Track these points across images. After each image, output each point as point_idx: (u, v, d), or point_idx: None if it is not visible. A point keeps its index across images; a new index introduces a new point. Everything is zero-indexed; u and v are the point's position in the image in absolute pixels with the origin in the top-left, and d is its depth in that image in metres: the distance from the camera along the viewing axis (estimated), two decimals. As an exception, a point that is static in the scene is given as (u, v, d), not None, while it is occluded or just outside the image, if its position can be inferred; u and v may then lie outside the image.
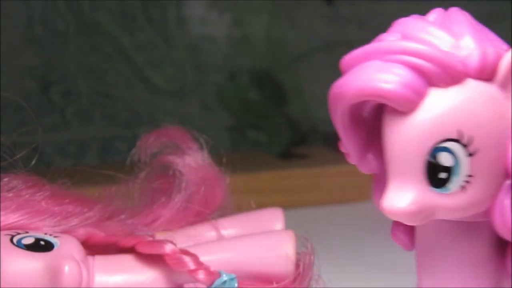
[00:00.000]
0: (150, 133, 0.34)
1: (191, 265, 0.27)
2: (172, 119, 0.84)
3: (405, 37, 0.23)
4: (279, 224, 0.32)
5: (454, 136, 0.22)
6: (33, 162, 0.31)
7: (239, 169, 0.34)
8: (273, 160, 0.75)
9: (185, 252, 0.27)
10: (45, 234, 0.28)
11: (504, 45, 0.23)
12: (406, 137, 0.22)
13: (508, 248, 0.24)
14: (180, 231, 0.32)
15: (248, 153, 0.75)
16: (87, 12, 0.82)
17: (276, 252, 0.28)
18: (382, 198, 0.23)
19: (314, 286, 0.30)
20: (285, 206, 0.35)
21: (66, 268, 0.26)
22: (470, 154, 0.22)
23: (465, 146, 0.22)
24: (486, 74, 0.22)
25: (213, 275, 0.27)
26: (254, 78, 0.80)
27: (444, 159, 0.22)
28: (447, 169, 0.22)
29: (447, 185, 0.22)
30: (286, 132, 0.77)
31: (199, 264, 0.27)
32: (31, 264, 0.26)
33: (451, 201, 0.23)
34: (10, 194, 0.29)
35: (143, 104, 0.84)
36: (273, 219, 0.32)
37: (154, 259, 0.27)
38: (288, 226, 0.32)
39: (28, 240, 0.27)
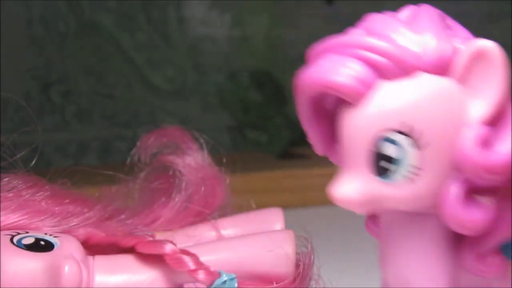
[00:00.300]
0: (150, 133, 0.34)
1: (191, 265, 0.27)
2: (172, 119, 0.84)
3: (368, 32, 0.24)
4: (279, 224, 0.32)
5: (397, 127, 0.23)
6: (33, 162, 0.31)
7: (239, 169, 0.34)
8: (273, 160, 0.75)
9: (185, 252, 0.27)
10: (45, 234, 0.28)
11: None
12: (354, 127, 0.23)
13: (463, 241, 0.24)
14: (180, 231, 0.32)
15: (248, 153, 0.75)
16: (87, 12, 0.82)
17: (276, 252, 0.28)
18: (332, 186, 0.24)
19: (314, 286, 0.30)
20: (285, 206, 0.35)
21: (66, 268, 0.26)
22: (418, 147, 0.23)
23: (410, 137, 0.22)
24: (442, 69, 0.23)
25: (213, 275, 0.27)
26: (254, 78, 0.80)
27: (389, 149, 0.23)
28: (392, 160, 0.23)
29: (391, 175, 0.23)
30: (286, 132, 0.77)
31: (199, 264, 0.27)
32: (31, 264, 0.26)
33: (399, 192, 0.23)
34: (10, 194, 0.29)
35: (143, 104, 0.84)
36: (273, 219, 0.32)
37: (154, 259, 0.27)
38: (288, 226, 0.32)
39: (28, 240, 0.27)
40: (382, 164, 0.23)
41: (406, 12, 0.24)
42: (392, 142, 0.23)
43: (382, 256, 0.26)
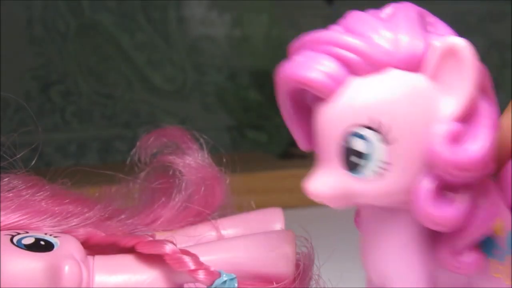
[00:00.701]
0: (150, 133, 0.34)
1: (191, 265, 0.27)
2: (172, 119, 0.84)
3: (345, 29, 0.24)
4: (279, 224, 0.32)
5: (366, 122, 0.23)
6: (33, 162, 0.31)
7: (239, 169, 0.34)
8: (273, 160, 0.75)
9: (185, 252, 0.27)
10: (45, 234, 0.28)
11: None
12: (326, 122, 0.24)
13: (440, 237, 0.24)
14: (180, 231, 0.32)
15: (248, 153, 0.75)
16: (87, 12, 0.82)
17: (276, 252, 0.28)
18: (307, 180, 0.24)
19: (314, 286, 0.30)
20: (285, 206, 0.35)
21: (66, 268, 0.26)
22: (386, 142, 0.23)
23: (378, 132, 0.23)
24: (413, 65, 0.23)
25: (213, 275, 0.27)
26: (254, 78, 0.80)
27: (358, 144, 0.23)
28: (362, 155, 0.23)
29: (362, 170, 0.23)
30: (286, 132, 0.76)
31: (199, 264, 0.27)
32: (31, 264, 0.26)
33: (370, 187, 0.23)
34: (10, 194, 0.29)
35: (143, 104, 0.84)
36: (273, 219, 0.32)
37: (154, 259, 0.27)
38: (288, 226, 0.32)
39: (28, 240, 0.27)
40: (352, 159, 0.23)
41: (388, 10, 0.24)
42: (361, 137, 0.23)
43: (363, 252, 0.26)
